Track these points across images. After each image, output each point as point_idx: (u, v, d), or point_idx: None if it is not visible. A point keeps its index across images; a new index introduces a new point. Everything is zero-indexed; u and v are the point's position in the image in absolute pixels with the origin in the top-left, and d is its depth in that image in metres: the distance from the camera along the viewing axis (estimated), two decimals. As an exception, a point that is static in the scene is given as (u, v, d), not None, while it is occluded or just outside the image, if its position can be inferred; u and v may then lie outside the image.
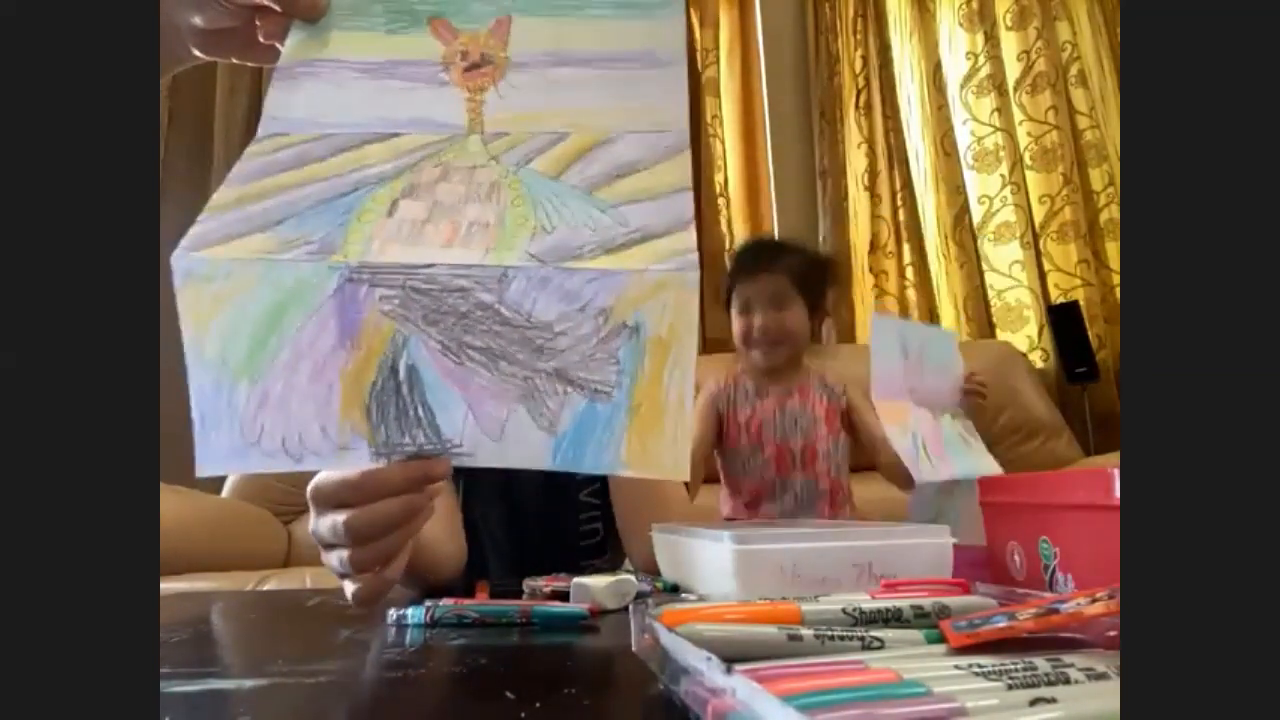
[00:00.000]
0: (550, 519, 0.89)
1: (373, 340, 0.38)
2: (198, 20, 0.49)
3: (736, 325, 1.26)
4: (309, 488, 0.45)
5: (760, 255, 1.31)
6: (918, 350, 0.84)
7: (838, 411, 1.27)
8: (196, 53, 0.51)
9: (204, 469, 0.38)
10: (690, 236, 0.40)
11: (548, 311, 0.38)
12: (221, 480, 1.96)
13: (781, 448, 1.22)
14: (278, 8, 0.47)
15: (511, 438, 0.39)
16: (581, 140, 0.44)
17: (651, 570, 0.70)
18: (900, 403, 0.81)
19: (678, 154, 0.43)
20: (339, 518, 0.42)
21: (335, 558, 0.44)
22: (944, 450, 0.82)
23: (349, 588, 0.45)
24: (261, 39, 0.49)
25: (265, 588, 1.39)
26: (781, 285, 1.23)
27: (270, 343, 0.38)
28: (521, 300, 0.38)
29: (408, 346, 0.38)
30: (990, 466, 0.85)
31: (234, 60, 0.53)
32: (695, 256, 0.39)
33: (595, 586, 0.54)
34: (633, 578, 0.56)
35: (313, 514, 0.46)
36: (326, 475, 0.44)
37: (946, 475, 0.79)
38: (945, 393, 0.88)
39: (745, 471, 1.23)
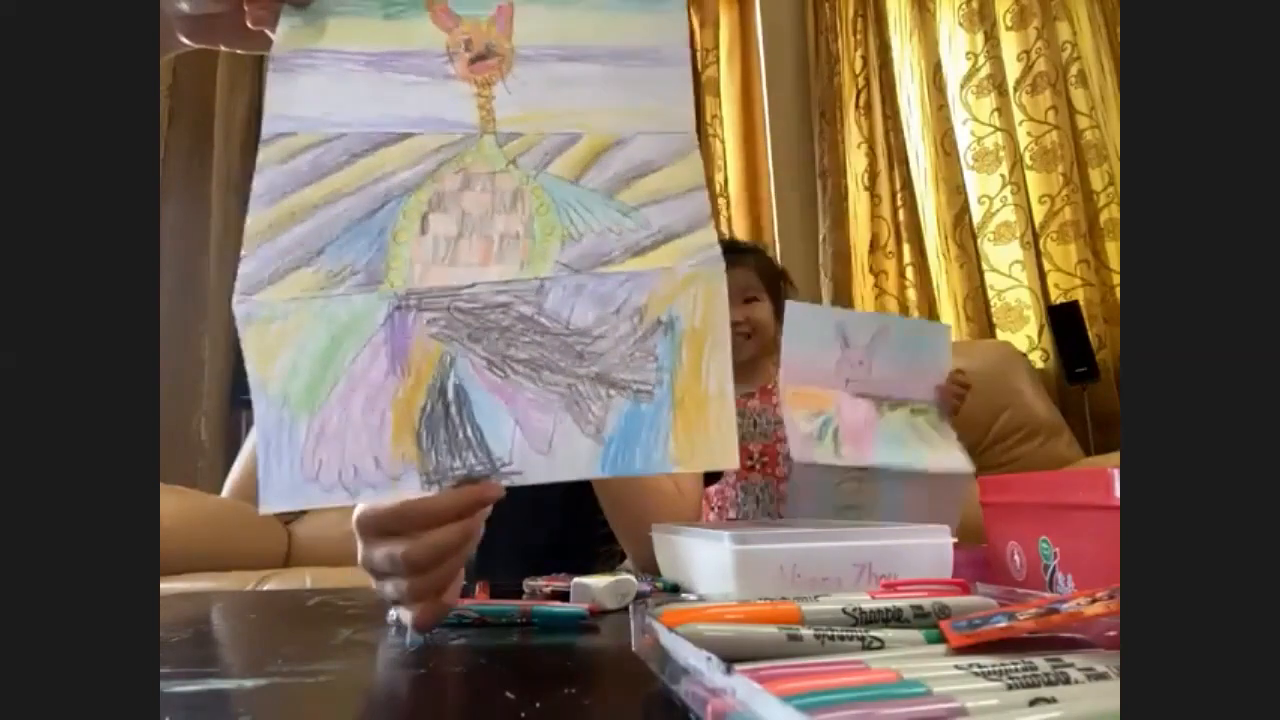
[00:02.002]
0: (570, 533, 0.88)
1: (421, 364, 0.39)
2: (184, 6, 0.47)
3: None
4: (355, 517, 0.44)
5: (725, 251, 1.32)
6: (866, 341, 0.83)
7: None
8: (184, 40, 0.50)
9: (267, 506, 0.39)
10: (711, 233, 0.42)
11: (585, 317, 0.40)
12: (221, 480, 1.96)
13: (739, 450, 1.20)
14: None
15: (560, 450, 0.40)
16: (595, 141, 0.44)
17: (649, 569, 0.70)
18: (819, 390, 0.80)
19: (689, 154, 0.44)
20: (395, 550, 0.41)
21: (391, 586, 0.44)
22: (869, 439, 0.79)
23: (406, 616, 0.44)
24: (250, 25, 0.47)
25: (265, 588, 1.39)
26: (750, 279, 1.24)
27: (327, 376, 0.39)
28: (560, 308, 0.40)
29: (454, 366, 0.40)
30: (944, 462, 0.82)
31: (223, 48, 0.51)
32: (719, 250, 0.41)
33: (595, 586, 0.54)
34: (632, 578, 0.56)
35: (361, 545, 0.45)
36: (373, 505, 0.43)
37: (852, 461, 0.77)
38: (915, 387, 0.86)
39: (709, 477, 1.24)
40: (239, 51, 0.51)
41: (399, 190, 0.42)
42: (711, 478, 0.93)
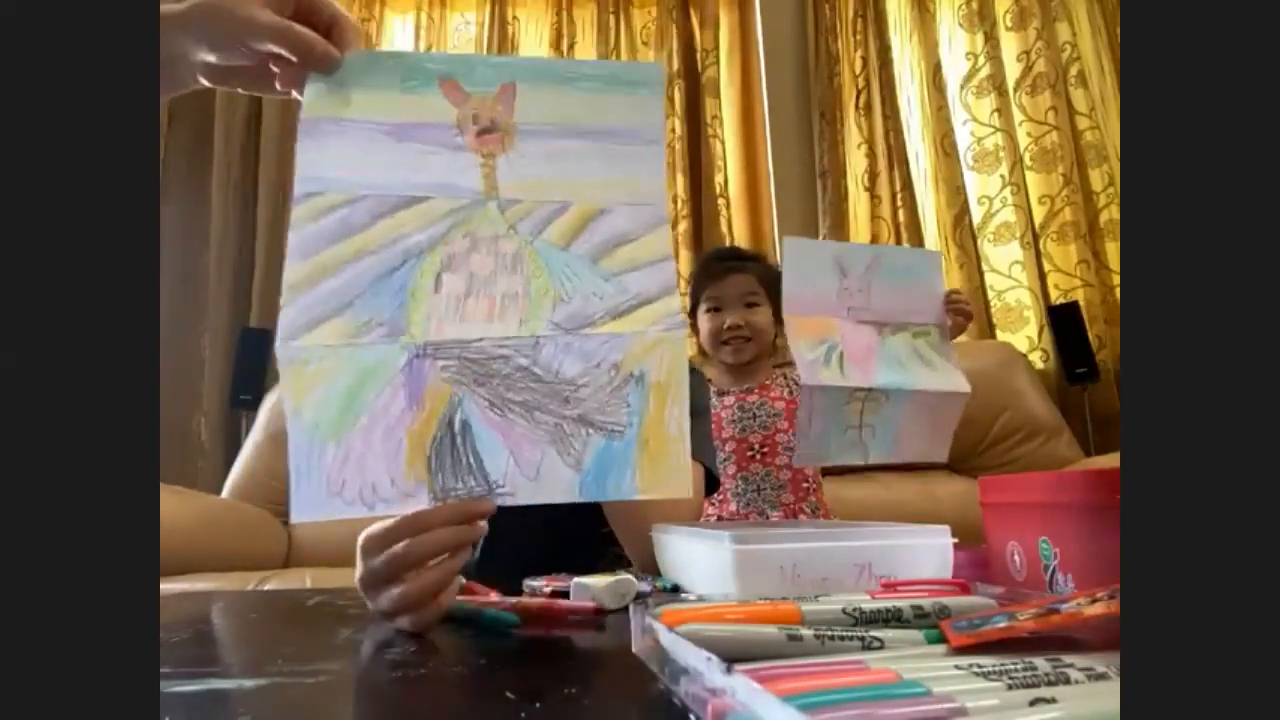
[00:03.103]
0: (570, 533, 0.88)
1: (434, 401, 0.47)
2: (210, 57, 0.50)
3: (706, 325, 1.30)
4: (360, 540, 0.50)
5: (728, 258, 1.37)
6: (862, 270, 0.87)
7: None
8: (203, 81, 0.53)
9: (297, 517, 0.45)
10: (676, 300, 0.50)
11: (572, 369, 0.48)
12: (221, 480, 1.96)
13: (740, 441, 1.26)
14: (294, 58, 0.50)
15: (545, 477, 0.47)
16: (583, 210, 0.51)
17: (649, 569, 0.70)
18: (822, 319, 0.84)
19: (660, 226, 0.52)
20: (398, 549, 0.47)
21: (385, 599, 0.48)
22: (872, 362, 0.84)
23: (404, 622, 0.47)
24: (279, 86, 0.52)
25: (265, 588, 1.39)
26: (752, 285, 1.28)
27: (353, 410, 0.46)
28: (551, 361, 0.48)
29: (462, 405, 0.47)
30: (942, 382, 0.87)
31: (239, 91, 0.55)
32: (683, 317, 0.50)
33: (595, 586, 0.54)
34: (632, 578, 0.56)
35: (361, 561, 0.49)
36: (378, 524, 0.49)
37: (857, 382, 0.81)
38: (913, 311, 0.90)
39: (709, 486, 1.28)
40: (253, 94, 0.56)
41: (416, 251, 0.49)
42: (710, 486, 0.96)
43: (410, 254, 0.48)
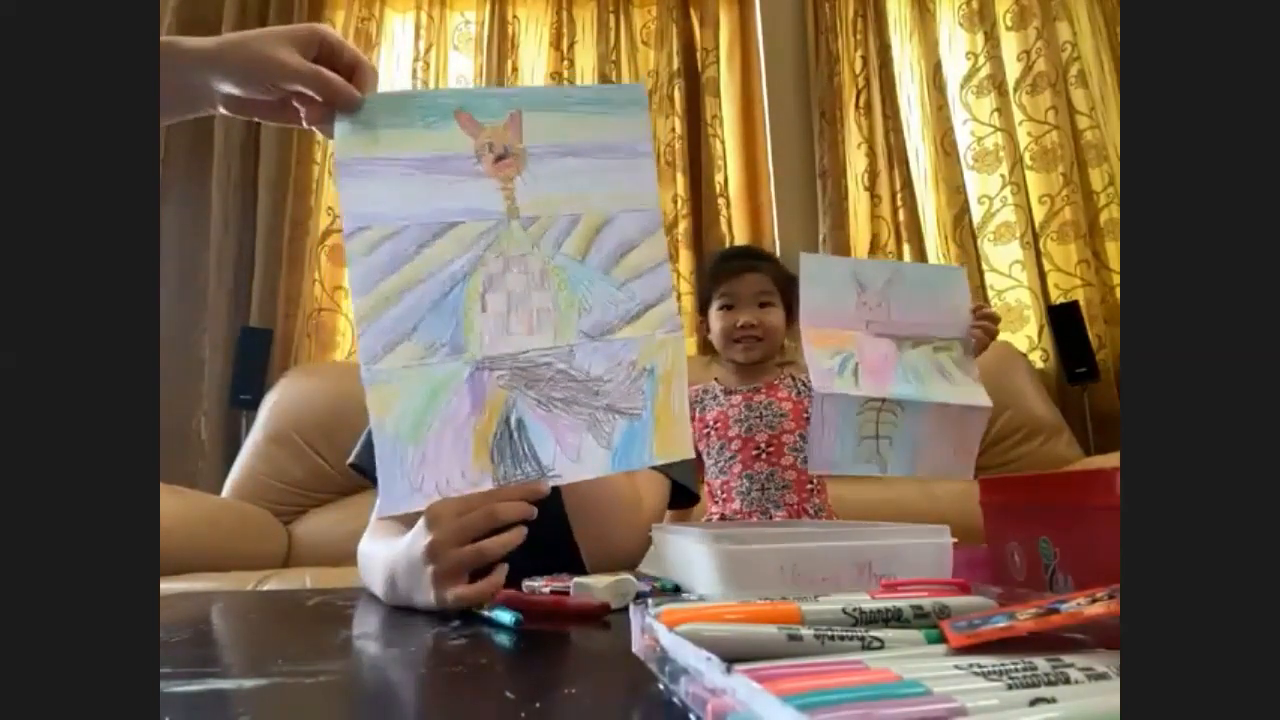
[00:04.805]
0: (570, 536, 0.89)
1: (493, 405, 0.56)
2: (236, 91, 0.53)
3: (718, 323, 1.30)
4: (426, 512, 0.56)
5: (743, 257, 1.38)
6: (880, 285, 0.87)
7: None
8: (222, 110, 0.56)
9: (386, 511, 0.54)
10: (673, 304, 0.61)
11: (599, 368, 0.58)
12: (221, 480, 1.96)
13: (746, 440, 1.26)
14: (321, 99, 0.54)
15: (584, 457, 0.57)
16: (591, 222, 0.60)
17: (598, 564, 0.73)
18: (840, 331, 0.84)
19: (656, 230, 0.61)
20: (485, 507, 0.55)
21: (458, 555, 0.54)
22: (888, 374, 0.84)
23: (454, 591, 0.53)
24: (305, 124, 0.57)
25: (265, 588, 1.39)
26: (766, 284, 1.28)
27: (427, 418, 0.55)
28: (583, 364, 0.58)
29: (515, 406, 0.56)
30: (960, 396, 0.86)
31: (256, 119, 0.59)
32: (679, 319, 0.61)
33: (596, 586, 0.54)
34: (632, 578, 0.56)
35: (427, 532, 0.55)
36: (444, 500, 0.55)
37: (870, 393, 0.81)
38: (935, 325, 0.90)
39: (718, 469, 1.27)
40: (268, 124, 0.61)
41: (460, 275, 0.57)
42: (683, 499, 0.99)
43: (455, 279, 0.57)
